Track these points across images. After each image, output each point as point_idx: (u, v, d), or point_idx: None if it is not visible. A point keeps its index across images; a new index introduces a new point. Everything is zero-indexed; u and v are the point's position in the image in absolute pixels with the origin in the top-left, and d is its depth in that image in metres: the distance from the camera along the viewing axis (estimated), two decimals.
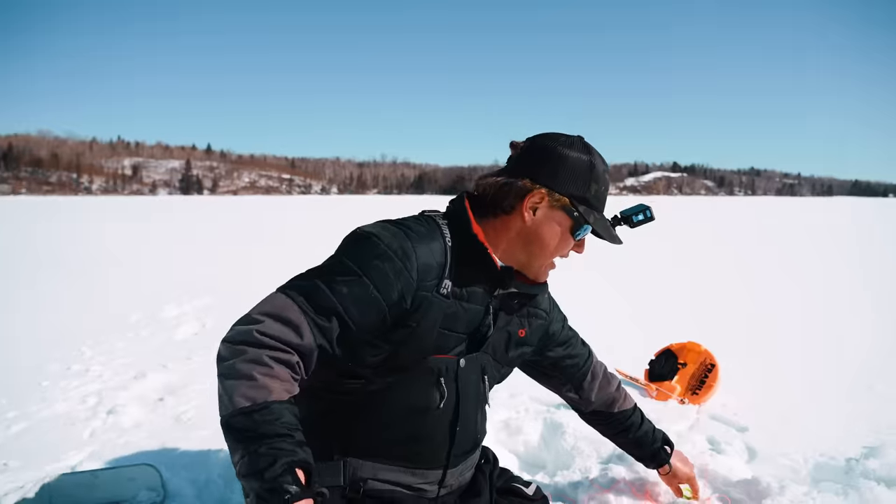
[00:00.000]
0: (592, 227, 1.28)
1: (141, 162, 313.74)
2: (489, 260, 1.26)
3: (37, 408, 3.04)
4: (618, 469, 2.28)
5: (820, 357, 4.04)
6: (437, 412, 1.29)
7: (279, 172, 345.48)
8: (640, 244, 12.64)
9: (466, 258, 1.26)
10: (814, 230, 17.97)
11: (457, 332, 1.27)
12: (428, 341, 1.23)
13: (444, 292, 1.22)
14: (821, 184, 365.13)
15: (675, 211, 34.04)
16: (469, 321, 1.29)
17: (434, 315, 1.22)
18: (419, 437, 1.30)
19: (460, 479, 1.43)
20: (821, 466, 2.36)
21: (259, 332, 1.09)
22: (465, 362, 1.30)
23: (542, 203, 1.26)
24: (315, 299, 1.13)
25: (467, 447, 1.40)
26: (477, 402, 1.38)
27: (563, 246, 1.30)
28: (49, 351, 4.10)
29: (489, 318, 1.33)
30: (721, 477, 2.24)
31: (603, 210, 1.34)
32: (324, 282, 1.15)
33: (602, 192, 1.30)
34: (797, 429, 2.76)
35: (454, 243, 1.25)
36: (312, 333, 1.12)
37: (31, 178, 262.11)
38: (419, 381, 1.26)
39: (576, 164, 1.26)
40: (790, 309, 5.78)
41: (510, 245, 1.30)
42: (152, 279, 7.53)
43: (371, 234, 1.20)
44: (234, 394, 1.04)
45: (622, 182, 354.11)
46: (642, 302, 6.17)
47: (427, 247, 1.21)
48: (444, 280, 1.22)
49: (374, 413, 1.27)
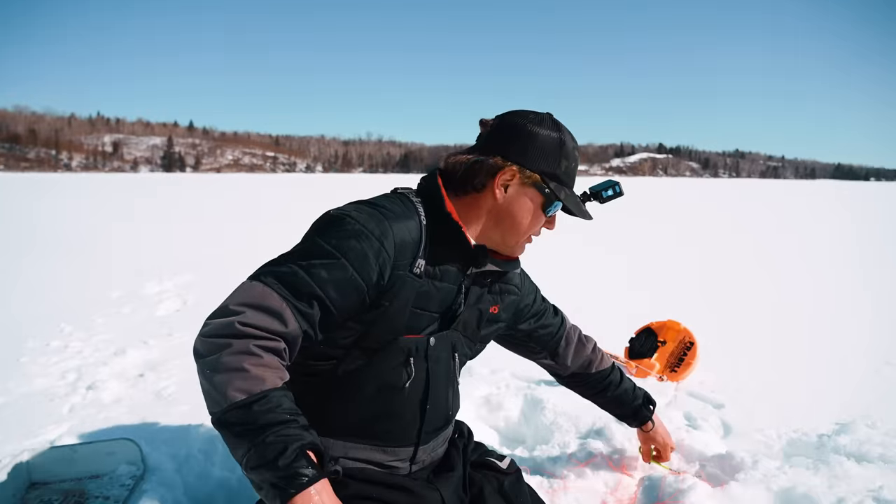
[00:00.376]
0: (563, 203, 1.29)
1: (122, 139, 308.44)
2: (463, 239, 1.26)
3: (15, 384, 3.01)
4: (596, 443, 2.32)
5: (795, 336, 4.12)
6: (406, 391, 1.28)
7: (263, 150, 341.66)
8: (624, 224, 12.73)
9: (440, 237, 1.25)
10: (795, 213, 18.18)
11: (429, 311, 1.27)
12: (399, 321, 1.23)
13: (417, 272, 1.22)
14: (804, 167, 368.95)
15: (661, 192, 34.24)
16: (442, 300, 1.28)
17: (406, 294, 1.21)
18: (388, 415, 1.30)
19: (433, 455, 1.43)
20: (793, 442, 2.42)
21: (241, 322, 1.06)
22: (435, 340, 1.30)
23: (514, 180, 1.26)
24: (294, 285, 1.10)
25: (438, 424, 1.40)
26: (447, 380, 1.38)
27: (535, 223, 1.31)
28: (28, 328, 4.05)
29: (461, 296, 1.33)
30: (696, 452, 2.29)
31: (573, 186, 1.34)
32: (301, 267, 1.12)
33: (572, 168, 1.30)
34: (772, 406, 2.82)
35: (428, 221, 1.25)
36: (296, 320, 1.10)
37: (9, 154, 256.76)
38: (388, 361, 1.25)
39: (546, 140, 1.26)
40: (768, 289, 5.87)
41: (482, 223, 1.30)
42: (133, 256, 7.45)
43: (345, 215, 1.17)
44: (227, 388, 1.01)
45: (608, 163, 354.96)
46: (624, 280, 6.23)
47: (403, 224, 1.20)
48: (417, 259, 1.22)
49: (344, 394, 1.27)
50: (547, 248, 8.64)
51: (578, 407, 2.73)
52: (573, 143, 1.30)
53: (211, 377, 1.04)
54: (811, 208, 20.67)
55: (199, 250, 7.92)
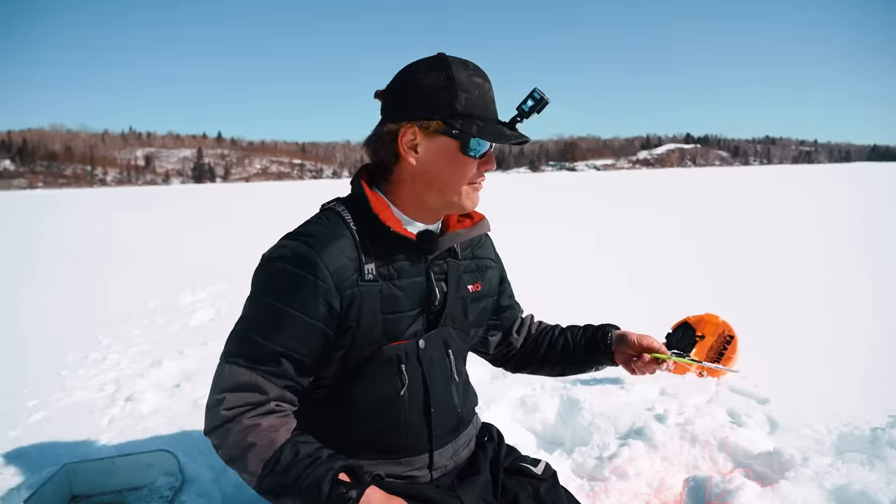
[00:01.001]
0: (479, 136, 1.16)
1: (153, 152, 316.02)
2: (401, 235, 1.20)
3: (56, 396, 3.07)
4: (636, 444, 2.26)
5: (838, 325, 3.97)
6: (404, 399, 1.25)
7: (290, 158, 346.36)
8: (654, 220, 12.53)
9: (380, 236, 1.20)
10: (831, 198, 17.66)
11: (402, 311, 1.23)
12: (375, 332, 1.20)
13: (370, 277, 1.19)
14: (838, 150, 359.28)
15: (688, 182, 33.65)
16: (412, 297, 1.25)
17: (370, 306, 1.19)
18: (393, 427, 1.27)
19: (455, 459, 1.39)
20: (845, 437, 2.32)
21: (226, 409, 1.12)
22: (425, 342, 1.26)
23: (417, 137, 1.17)
24: (258, 355, 1.14)
25: (449, 426, 1.35)
26: (447, 379, 1.33)
27: (463, 169, 1.20)
28: (67, 340, 4.15)
29: (436, 285, 1.28)
30: (742, 450, 2.21)
31: (491, 112, 1.21)
32: (258, 334, 1.14)
33: (476, 96, 1.17)
34: (819, 399, 2.72)
35: (360, 227, 1.21)
36: (273, 384, 1.14)
37: (47, 171, 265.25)
38: (380, 372, 1.22)
39: (433, 83, 1.16)
40: (806, 278, 5.69)
41: (416, 195, 1.23)
42: (167, 267, 7.59)
43: (274, 260, 1.17)
44: (248, 467, 1.09)
45: (634, 156, 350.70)
46: (657, 276, 6.11)
47: (333, 247, 1.16)
48: (364, 266, 1.18)
49: (345, 414, 1.26)
50: (580, 241, 8.56)
51: (616, 407, 2.68)
52: (467, 70, 1.18)
53: (233, 465, 1.13)
54: (848, 193, 20.05)
55: (230, 259, 8.01)
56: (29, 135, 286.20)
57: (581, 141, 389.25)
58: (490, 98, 1.20)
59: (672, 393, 2.84)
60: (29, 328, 4.62)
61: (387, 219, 1.19)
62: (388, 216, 1.20)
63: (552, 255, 7.65)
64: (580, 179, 55.72)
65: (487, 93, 1.20)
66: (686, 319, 3.39)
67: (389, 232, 1.19)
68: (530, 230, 10.69)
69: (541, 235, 9.88)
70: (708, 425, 2.36)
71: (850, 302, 4.65)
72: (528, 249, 7.99)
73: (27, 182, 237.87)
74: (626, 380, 2.96)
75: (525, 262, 6.87)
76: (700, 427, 2.35)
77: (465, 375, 1.43)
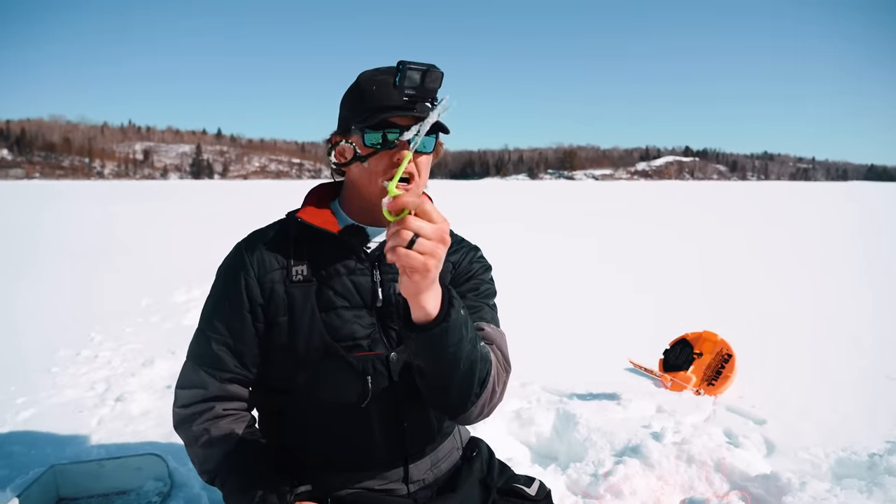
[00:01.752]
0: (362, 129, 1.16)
1: (152, 146, 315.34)
2: (323, 232, 1.22)
3: (46, 394, 3.03)
4: (632, 461, 2.24)
5: (838, 348, 3.96)
6: (368, 411, 1.23)
7: (289, 157, 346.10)
8: (653, 233, 12.54)
9: (314, 239, 1.24)
10: (830, 217, 17.72)
11: (337, 308, 1.21)
12: (315, 330, 1.20)
13: (299, 278, 1.22)
14: (836, 168, 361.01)
15: (687, 196, 33.73)
16: (347, 296, 1.22)
17: (301, 304, 1.21)
18: (359, 438, 1.26)
19: (435, 472, 1.36)
20: (843, 462, 2.30)
21: (178, 406, 1.24)
22: (397, 355, 1.24)
23: (341, 143, 1.22)
24: (202, 348, 1.24)
25: (426, 439, 1.33)
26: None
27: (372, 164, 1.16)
28: (59, 336, 4.10)
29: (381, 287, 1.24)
30: (739, 471, 2.19)
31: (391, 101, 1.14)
32: (204, 326, 1.25)
33: (374, 90, 1.16)
34: (817, 422, 2.70)
35: (299, 232, 1.26)
36: (214, 377, 1.22)
37: (45, 162, 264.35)
38: (343, 382, 1.21)
39: (348, 95, 1.23)
40: (806, 299, 5.69)
41: (355, 195, 1.26)
42: (162, 264, 7.54)
43: (220, 269, 1.29)
44: (198, 469, 1.24)
45: (633, 167, 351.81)
46: (655, 290, 6.09)
47: (260, 247, 1.25)
48: (292, 268, 1.22)
49: (311, 423, 1.26)
50: (581, 253, 8.54)
51: (612, 423, 2.66)
52: (368, 73, 1.20)
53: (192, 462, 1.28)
54: (847, 211, 20.13)
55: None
56: (28, 125, 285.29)
57: (580, 150, 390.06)
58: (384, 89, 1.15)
59: (669, 411, 2.82)
60: (21, 322, 4.56)
61: (310, 217, 1.24)
62: (312, 215, 1.25)
63: (552, 265, 7.63)
64: (578, 188, 55.82)
65: (381, 86, 1.15)
66: (684, 336, 3.38)
67: (314, 229, 1.23)
68: (530, 239, 10.68)
69: (539, 245, 9.87)
70: (705, 445, 2.34)
71: (849, 324, 4.64)
72: (525, 258, 7.98)
73: (24, 172, 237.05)
74: (624, 396, 2.94)
75: (520, 270, 6.86)
76: (697, 447, 2.32)
77: None
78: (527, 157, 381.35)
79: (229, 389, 1.24)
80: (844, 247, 9.83)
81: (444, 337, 0.96)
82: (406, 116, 1.13)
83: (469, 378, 1.07)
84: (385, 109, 1.14)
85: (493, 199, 29.27)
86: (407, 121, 1.14)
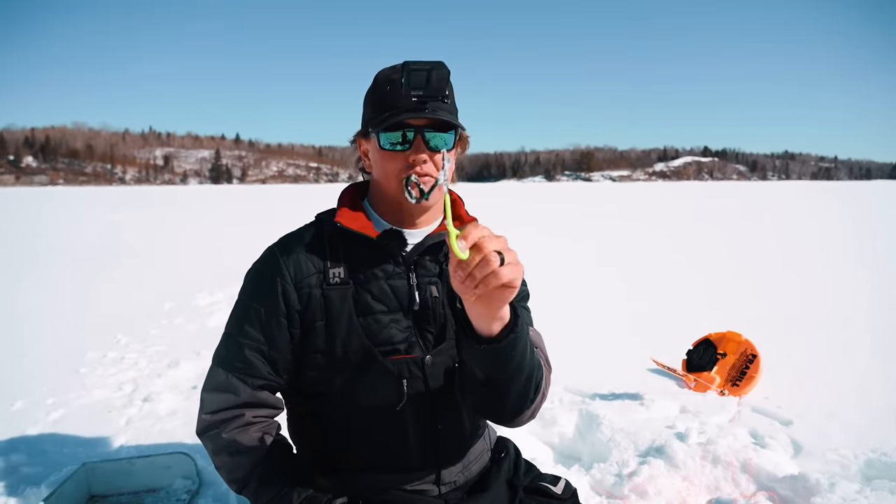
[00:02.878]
0: (375, 130, 1.18)
1: (172, 152, 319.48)
2: (362, 236, 1.22)
3: (75, 395, 3.09)
4: (656, 462, 2.23)
5: (865, 349, 3.89)
6: (403, 414, 1.23)
7: (307, 161, 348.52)
8: (675, 232, 12.42)
9: (351, 242, 1.23)
10: (857, 216, 17.41)
11: (375, 313, 1.21)
12: (354, 334, 1.20)
13: (336, 280, 1.21)
14: (859, 167, 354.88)
15: (707, 195, 33.37)
16: (385, 300, 1.22)
17: (338, 307, 1.20)
18: (394, 441, 1.26)
19: (466, 474, 1.36)
20: (872, 463, 2.26)
21: (206, 412, 1.21)
22: (432, 358, 1.24)
23: (363, 145, 1.27)
24: (233, 354, 1.22)
25: (459, 442, 1.33)
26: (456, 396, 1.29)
27: (387, 163, 1.19)
28: (87, 338, 4.18)
29: (423, 289, 1.25)
30: (766, 472, 2.17)
31: (404, 101, 1.16)
32: (235, 331, 1.23)
33: (388, 91, 1.17)
34: (845, 423, 2.66)
35: (335, 235, 1.24)
36: (245, 384, 1.21)
37: (68, 168, 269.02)
38: (379, 385, 1.21)
39: (367, 95, 1.25)
40: (831, 299, 5.60)
41: (380, 196, 1.27)
42: (185, 268, 7.65)
43: (250, 268, 1.29)
44: (226, 478, 1.23)
45: (651, 167, 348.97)
46: (678, 291, 6.04)
47: (297, 250, 1.23)
48: (329, 271, 1.21)
49: (346, 425, 1.25)
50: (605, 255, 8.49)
51: (636, 423, 2.64)
52: (387, 71, 1.20)
53: (217, 470, 1.25)
54: (872, 210, 19.77)
55: (246, 261, 8.03)
56: (52, 132, 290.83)
57: (597, 151, 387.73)
58: (398, 91, 1.15)
59: (693, 411, 2.80)
60: (49, 325, 4.66)
61: (348, 221, 1.23)
62: (350, 219, 1.23)
63: (573, 266, 7.60)
64: (596, 190, 55.48)
65: (396, 85, 1.15)
66: (708, 336, 3.35)
67: (351, 233, 1.22)
68: (550, 241, 10.65)
69: (559, 246, 9.83)
70: (730, 446, 2.32)
71: (877, 325, 4.55)
72: (545, 259, 7.95)
73: (48, 179, 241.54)
74: (647, 396, 2.92)
75: (542, 271, 6.84)
76: (722, 447, 2.31)
77: None
78: (543, 158, 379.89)
79: (260, 396, 1.23)
80: (872, 246, 9.66)
81: (513, 347, 0.99)
82: (418, 118, 1.15)
83: (528, 384, 1.11)
84: (397, 110, 1.15)
85: (511, 201, 29.20)
86: (419, 121, 1.16)
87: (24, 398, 3.02)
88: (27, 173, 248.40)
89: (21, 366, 3.60)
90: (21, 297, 5.81)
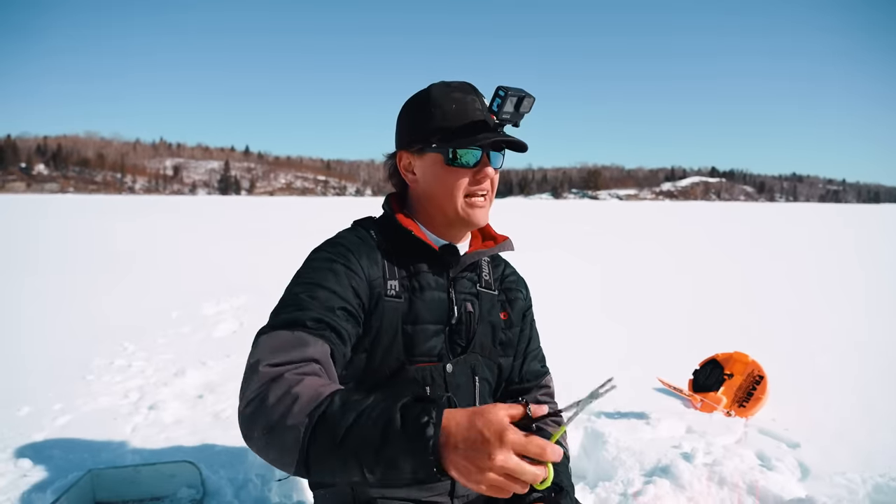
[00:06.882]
0: (454, 147, 1.18)
1: (182, 162, 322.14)
2: (422, 242, 1.24)
3: (82, 401, 3.10)
4: (662, 482, 2.21)
5: (873, 372, 3.86)
6: None
7: (315, 174, 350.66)
8: (682, 252, 12.40)
9: (403, 250, 1.25)
10: (864, 239, 17.33)
11: (423, 324, 1.24)
12: (396, 345, 1.21)
13: (393, 293, 1.22)
14: (867, 190, 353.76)
15: (715, 216, 33.32)
16: (434, 312, 1.25)
17: (390, 319, 1.21)
18: None
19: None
20: (880, 488, 2.24)
21: (267, 365, 0.94)
22: (453, 367, 1.26)
23: (412, 160, 1.25)
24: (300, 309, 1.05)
25: None
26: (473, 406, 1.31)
27: (453, 180, 1.21)
28: (94, 346, 4.20)
29: (457, 305, 1.28)
30: (773, 495, 2.15)
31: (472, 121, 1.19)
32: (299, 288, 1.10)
33: (452, 109, 1.19)
34: (853, 445, 2.64)
35: (385, 241, 1.26)
36: (316, 337, 1.02)
37: (79, 177, 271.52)
38: (403, 392, 1.21)
39: (414, 108, 1.24)
40: (839, 322, 5.56)
41: (429, 212, 1.27)
42: (191, 277, 7.68)
43: (321, 248, 1.22)
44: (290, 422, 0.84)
45: (658, 187, 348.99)
46: (685, 310, 6.02)
47: (366, 255, 1.22)
48: (388, 282, 1.22)
49: None
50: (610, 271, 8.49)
51: (642, 442, 2.63)
52: (448, 87, 1.22)
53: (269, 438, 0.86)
54: (881, 235, 19.67)
55: (253, 272, 8.09)
56: (64, 140, 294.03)
57: (604, 170, 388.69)
58: (473, 108, 1.20)
59: (699, 431, 2.78)
60: (56, 331, 4.68)
61: (414, 230, 1.24)
62: (414, 228, 1.25)
63: (579, 284, 7.59)
64: (603, 208, 55.50)
65: (469, 104, 1.20)
66: (714, 357, 3.33)
67: (414, 241, 1.23)
68: (558, 258, 10.65)
69: (566, 264, 9.83)
70: (737, 467, 2.31)
71: (886, 349, 4.52)
72: (553, 276, 7.95)
73: (59, 186, 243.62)
74: (652, 415, 2.91)
75: (549, 288, 6.84)
76: (728, 468, 2.29)
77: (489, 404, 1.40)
78: (551, 176, 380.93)
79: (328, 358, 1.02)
80: (880, 269, 9.61)
81: None
82: (497, 138, 1.18)
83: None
84: (473, 128, 1.19)
85: (519, 218, 29.24)
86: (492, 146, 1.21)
87: (30, 404, 3.04)
88: (38, 181, 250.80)
89: (27, 372, 3.61)
90: (29, 303, 5.84)
